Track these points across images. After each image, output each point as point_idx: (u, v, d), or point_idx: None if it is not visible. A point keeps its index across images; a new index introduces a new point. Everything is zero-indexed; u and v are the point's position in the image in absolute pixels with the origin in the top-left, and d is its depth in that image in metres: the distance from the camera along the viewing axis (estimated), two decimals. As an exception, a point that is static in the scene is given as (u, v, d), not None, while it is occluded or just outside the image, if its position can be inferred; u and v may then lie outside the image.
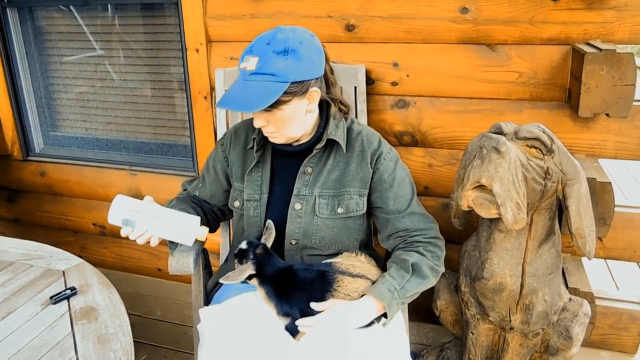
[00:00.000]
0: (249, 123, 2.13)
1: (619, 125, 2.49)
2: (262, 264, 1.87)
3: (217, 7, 2.91)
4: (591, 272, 2.65)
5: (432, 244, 1.99)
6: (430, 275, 1.92)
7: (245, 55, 1.83)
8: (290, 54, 1.79)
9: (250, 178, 2.04)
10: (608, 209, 2.25)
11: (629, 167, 5.95)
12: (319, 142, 1.97)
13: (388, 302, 1.79)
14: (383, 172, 1.98)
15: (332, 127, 1.97)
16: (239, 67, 1.85)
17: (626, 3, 2.34)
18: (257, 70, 1.77)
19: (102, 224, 3.73)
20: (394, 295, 1.81)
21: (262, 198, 2.04)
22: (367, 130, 2.07)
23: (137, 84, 3.47)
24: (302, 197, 1.98)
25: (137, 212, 1.79)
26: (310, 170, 1.99)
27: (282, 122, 1.85)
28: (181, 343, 3.06)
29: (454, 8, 2.55)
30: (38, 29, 3.59)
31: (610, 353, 2.86)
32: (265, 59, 1.77)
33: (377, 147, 2.00)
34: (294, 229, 1.99)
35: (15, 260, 2.16)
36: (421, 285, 1.91)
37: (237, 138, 2.13)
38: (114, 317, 1.77)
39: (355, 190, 1.98)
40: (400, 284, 1.84)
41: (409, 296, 1.88)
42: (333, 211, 1.98)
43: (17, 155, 3.77)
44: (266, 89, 1.75)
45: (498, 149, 1.83)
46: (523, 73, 2.55)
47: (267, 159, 2.06)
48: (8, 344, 1.66)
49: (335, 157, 2.00)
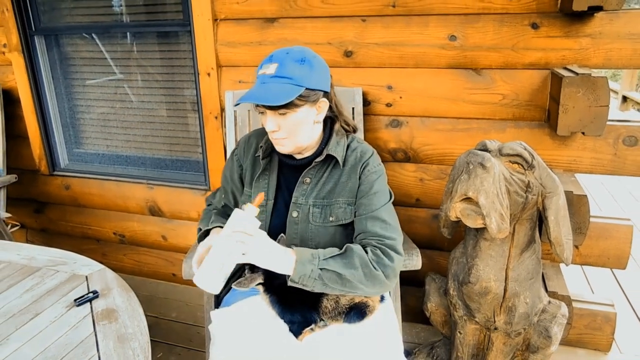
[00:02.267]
0: (259, 132, 2.14)
1: (594, 143, 2.50)
2: (271, 275, 1.87)
3: (227, 35, 2.93)
4: (568, 277, 2.66)
5: (382, 250, 1.83)
6: (360, 268, 1.77)
7: (265, 63, 1.85)
8: (306, 63, 1.83)
9: (257, 184, 2.04)
10: (584, 219, 2.25)
11: (603, 181, 5.95)
12: (318, 157, 1.97)
13: (303, 259, 1.75)
14: (364, 181, 1.95)
15: (334, 144, 1.97)
16: (257, 74, 1.87)
17: (600, 31, 2.35)
18: (277, 74, 1.80)
19: (121, 233, 3.74)
20: (314, 258, 1.76)
21: (268, 204, 2.02)
22: (364, 146, 2.05)
23: (154, 105, 3.47)
24: (298, 205, 1.97)
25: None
26: (308, 181, 1.98)
27: (293, 128, 1.85)
28: (194, 342, 3.05)
29: (443, 36, 2.56)
30: (63, 54, 3.60)
31: (586, 351, 2.85)
32: (284, 64, 1.81)
33: (367, 159, 1.98)
34: (292, 235, 1.98)
35: (42, 266, 2.16)
36: (344, 269, 1.76)
37: (249, 146, 2.12)
38: (133, 318, 1.76)
39: (344, 200, 1.96)
40: (325, 255, 1.79)
41: (328, 271, 1.75)
42: (325, 219, 1.96)
43: (44, 170, 3.78)
44: (284, 89, 1.77)
45: (483, 165, 1.84)
46: (506, 95, 2.56)
47: (274, 168, 2.05)
48: (36, 342, 1.65)
49: (332, 171, 1.99)
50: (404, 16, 2.59)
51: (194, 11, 2.93)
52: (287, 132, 1.85)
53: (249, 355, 1.77)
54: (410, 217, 2.89)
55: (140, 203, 3.57)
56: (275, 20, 2.81)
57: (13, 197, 3.81)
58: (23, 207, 3.99)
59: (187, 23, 3.03)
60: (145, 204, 3.55)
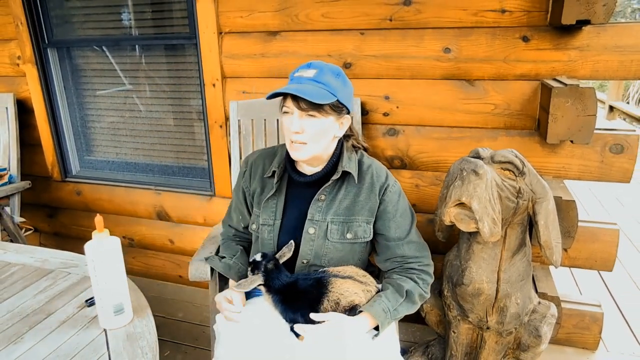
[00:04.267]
0: (265, 154, 2.12)
1: (582, 151, 2.50)
2: (271, 277, 1.87)
3: (231, 47, 2.94)
4: (557, 279, 2.66)
5: (424, 272, 1.97)
6: (419, 302, 1.94)
7: (302, 68, 1.86)
8: (341, 78, 1.86)
9: (266, 205, 2.02)
10: (572, 223, 2.25)
11: (591, 187, 5.96)
12: (331, 173, 1.95)
13: (381, 321, 1.80)
14: (388, 203, 1.96)
15: (346, 160, 1.96)
16: (293, 75, 1.86)
17: (588, 44, 2.36)
18: (315, 78, 1.80)
19: (130, 237, 3.74)
20: (387, 315, 1.82)
21: (276, 223, 2.01)
22: (376, 164, 2.05)
23: (161, 114, 3.48)
24: (315, 222, 1.95)
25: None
26: (323, 198, 1.96)
27: (315, 135, 1.82)
28: (200, 341, 3.05)
29: (438, 48, 2.56)
30: (75, 66, 3.61)
31: (575, 349, 2.85)
32: (322, 72, 1.82)
33: (385, 180, 1.98)
34: (306, 251, 1.96)
35: (55, 269, 2.16)
36: (410, 309, 1.92)
37: (255, 169, 2.10)
38: (141, 318, 1.76)
39: (363, 218, 1.95)
40: (394, 306, 1.85)
41: (398, 317, 1.89)
42: (342, 236, 1.95)
43: (56, 176, 3.78)
44: (321, 92, 1.77)
45: (476, 171, 1.84)
46: (498, 105, 2.56)
47: (283, 188, 2.03)
48: (49, 341, 1.65)
49: (347, 187, 1.96)
50: (401, 30, 2.60)
51: (200, 25, 2.94)
52: (308, 137, 1.83)
53: (252, 354, 1.76)
54: (407, 222, 2.89)
55: (149, 208, 3.57)
56: (277, 34, 2.82)
57: (27, 203, 3.82)
58: (36, 212, 4.00)
59: (193, 36, 3.04)
60: (153, 209, 3.55)
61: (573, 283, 3.75)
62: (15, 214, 3.47)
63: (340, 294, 1.83)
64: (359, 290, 1.87)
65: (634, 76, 2.37)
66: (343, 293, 1.84)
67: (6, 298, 1.93)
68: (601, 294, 3.60)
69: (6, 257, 2.28)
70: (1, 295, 1.96)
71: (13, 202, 3.49)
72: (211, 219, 3.39)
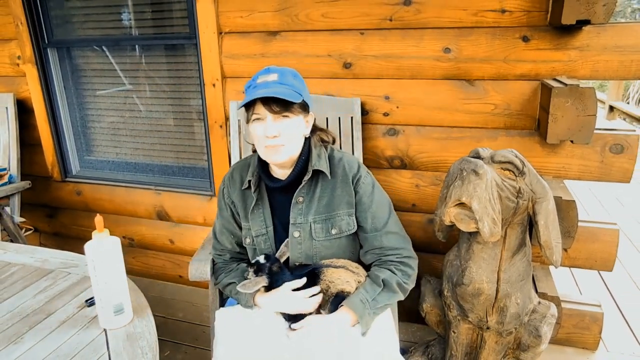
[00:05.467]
0: (239, 167, 2.12)
1: (582, 151, 2.50)
2: (275, 279, 1.91)
3: (231, 47, 2.94)
4: (557, 279, 2.66)
5: (403, 264, 1.97)
6: (399, 291, 1.92)
7: (262, 73, 1.86)
8: (298, 78, 1.89)
9: (253, 216, 2.02)
10: (572, 223, 2.25)
11: (591, 187, 5.95)
12: (303, 174, 1.96)
13: (360, 312, 1.81)
14: (363, 195, 1.97)
15: (315, 158, 1.96)
16: (255, 82, 1.85)
17: (588, 44, 2.36)
18: (279, 81, 1.82)
19: (131, 237, 3.74)
20: (365, 306, 1.82)
21: (269, 231, 2.02)
22: (347, 156, 2.05)
23: (161, 115, 3.48)
24: (298, 225, 1.96)
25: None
26: (301, 200, 1.97)
27: (290, 135, 1.84)
28: (199, 341, 3.05)
29: (438, 48, 2.56)
30: (75, 66, 3.61)
31: (574, 349, 2.85)
32: (284, 75, 1.84)
33: (357, 171, 1.99)
34: (296, 254, 1.98)
35: (55, 269, 2.16)
36: (391, 299, 1.92)
37: (233, 182, 2.09)
38: (141, 318, 1.76)
39: (344, 211, 1.97)
40: (372, 296, 1.86)
41: (380, 307, 1.88)
42: (328, 233, 1.96)
43: (56, 176, 3.78)
44: (291, 93, 1.79)
45: (476, 171, 1.84)
46: (498, 105, 2.56)
47: (264, 196, 2.04)
48: (49, 341, 1.65)
49: (322, 184, 1.98)
50: (401, 30, 2.60)
51: (200, 25, 2.94)
52: (286, 139, 1.84)
53: (252, 353, 1.77)
54: (407, 222, 2.87)
55: (149, 208, 3.57)
56: (277, 34, 2.82)
57: (27, 203, 3.82)
58: (36, 212, 4.00)
59: (193, 36, 3.04)
60: (153, 209, 3.55)
61: (573, 283, 3.75)
62: (15, 214, 3.47)
63: (330, 281, 1.89)
64: (351, 279, 1.91)
65: (634, 76, 2.37)
66: (334, 281, 1.89)
67: (6, 298, 1.94)
68: (601, 294, 3.60)
69: (6, 257, 2.29)
70: (1, 295, 1.96)
71: (13, 202, 3.49)
72: (211, 219, 3.39)
